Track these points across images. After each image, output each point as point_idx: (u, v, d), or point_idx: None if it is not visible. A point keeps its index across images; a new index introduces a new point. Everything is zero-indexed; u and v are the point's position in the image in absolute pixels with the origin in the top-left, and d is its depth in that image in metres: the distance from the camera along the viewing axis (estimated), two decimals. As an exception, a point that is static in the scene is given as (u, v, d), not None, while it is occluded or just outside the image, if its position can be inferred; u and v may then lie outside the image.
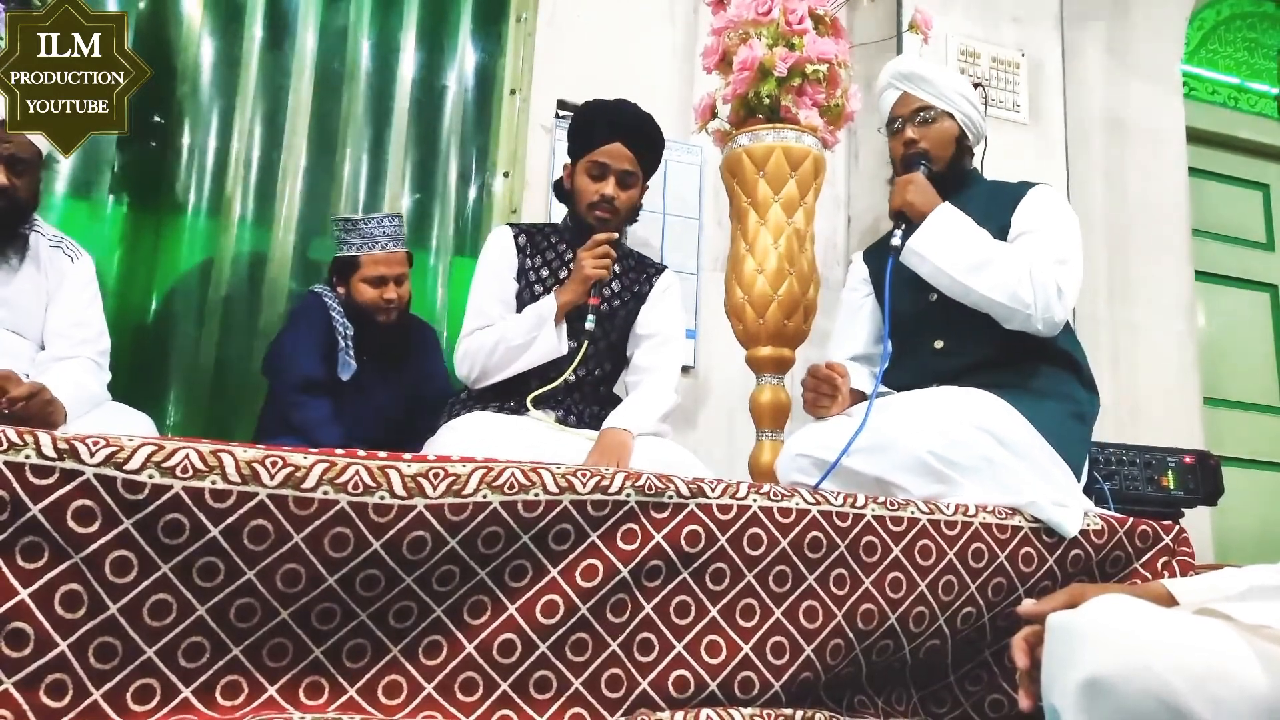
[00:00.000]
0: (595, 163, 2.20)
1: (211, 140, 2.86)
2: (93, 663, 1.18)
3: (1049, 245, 1.94)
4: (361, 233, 2.48)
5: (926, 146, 2.10)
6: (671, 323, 2.31)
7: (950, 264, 1.91)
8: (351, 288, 2.50)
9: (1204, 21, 4.29)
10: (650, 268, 2.37)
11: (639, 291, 2.31)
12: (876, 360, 2.25)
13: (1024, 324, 1.90)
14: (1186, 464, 2.80)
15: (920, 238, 1.94)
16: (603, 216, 2.19)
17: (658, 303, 2.31)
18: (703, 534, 1.48)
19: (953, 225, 1.94)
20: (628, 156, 2.20)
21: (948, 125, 2.12)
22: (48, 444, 1.18)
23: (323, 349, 2.47)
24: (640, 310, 2.29)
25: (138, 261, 2.77)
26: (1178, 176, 3.89)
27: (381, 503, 1.29)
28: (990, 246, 1.92)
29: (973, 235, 1.93)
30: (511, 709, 1.36)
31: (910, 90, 2.13)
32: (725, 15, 2.37)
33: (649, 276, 2.34)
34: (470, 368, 2.18)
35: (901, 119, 2.14)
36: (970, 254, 1.90)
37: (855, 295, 2.31)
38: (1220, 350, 4.01)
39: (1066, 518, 1.72)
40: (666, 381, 2.22)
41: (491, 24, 3.26)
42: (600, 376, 2.27)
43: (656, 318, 2.29)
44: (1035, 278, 1.87)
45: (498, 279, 2.25)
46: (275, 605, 1.27)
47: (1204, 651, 0.85)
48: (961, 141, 2.14)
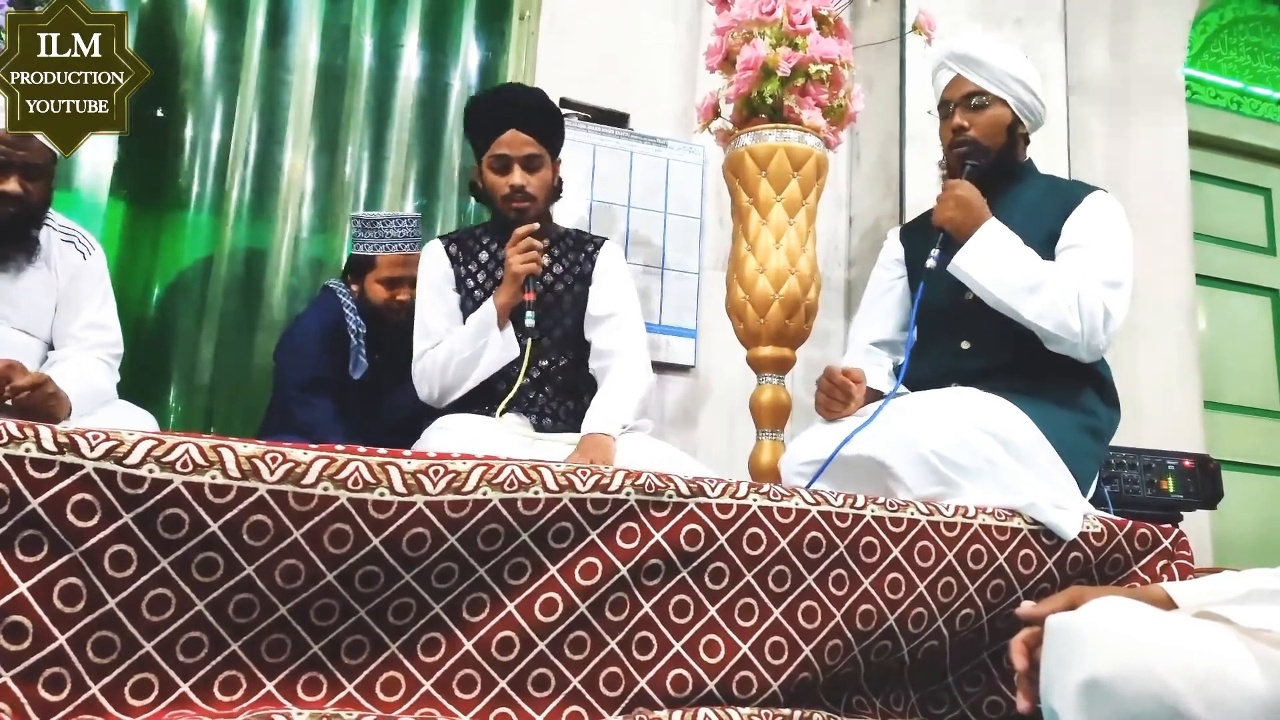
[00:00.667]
0: (495, 156, 2.11)
1: (213, 136, 2.86)
2: (91, 657, 1.18)
3: (1101, 266, 1.86)
4: (379, 233, 2.47)
5: (975, 135, 2.00)
6: (624, 298, 2.20)
7: (996, 285, 1.84)
8: (366, 286, 2.50)
9: (1207, 25, 4.29)
10: (589, 243, 2.27)
11: (582, 271, 2.22)
12: (898, 347, 2.18)
13: (1069, 350, 1.85)
14: (1186, 467, 2.80)
15: (965, 256, 1.87)
16: (519, 207, 2.11)
17: (604, 280, 2.21)
18: (702, 533, 1.48)
19: (1000, 245, 1.86)
20: (526, 140, 2.10)
21: (1000, 112, 2.01)
22: (48, 437, 1.18)
23: (332, 347, 2.47)
24: (589, 291, 2.20)
25: (138, 257, 2.77)
26: (1180, 180, 3.89)
27: (381, 499, 1.29)
28: (1039, 269, 1.84)
29: (1020, 256, 1.85)
30: (510, 707, 1.36)
31: (964, 72, 2.02)
32: (729, 15, 2.37)
33: (590, 253, 2.24)
34: (429, 388, 2.12)
35: (953, 102, 2.04)
36: (1018, 277, 1.83)
37: (886, 275, 2.21)
38: (1221, 354, 4.00)
39: (1066, 520, 1.72)
40: (635, 364, 2.13)
41: (494, 22, 3.26)
42: (566, 366, 2.18)
43: (606, 296, 2.19)
44: (1084, 305, 1.80)
45: (437, 294, 2.18)
46: (274, 601, 1.27)
47: (1203, 654, 0.85)
48: (1014, 130, 2.04)
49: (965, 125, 2.01)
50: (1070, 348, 1.84)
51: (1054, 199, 2.00)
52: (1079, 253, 1.89)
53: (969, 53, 2.03)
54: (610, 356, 2.14)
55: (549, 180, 2.17)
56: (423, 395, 2.15)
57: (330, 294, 2.54)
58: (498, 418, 2.06)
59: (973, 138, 2.00)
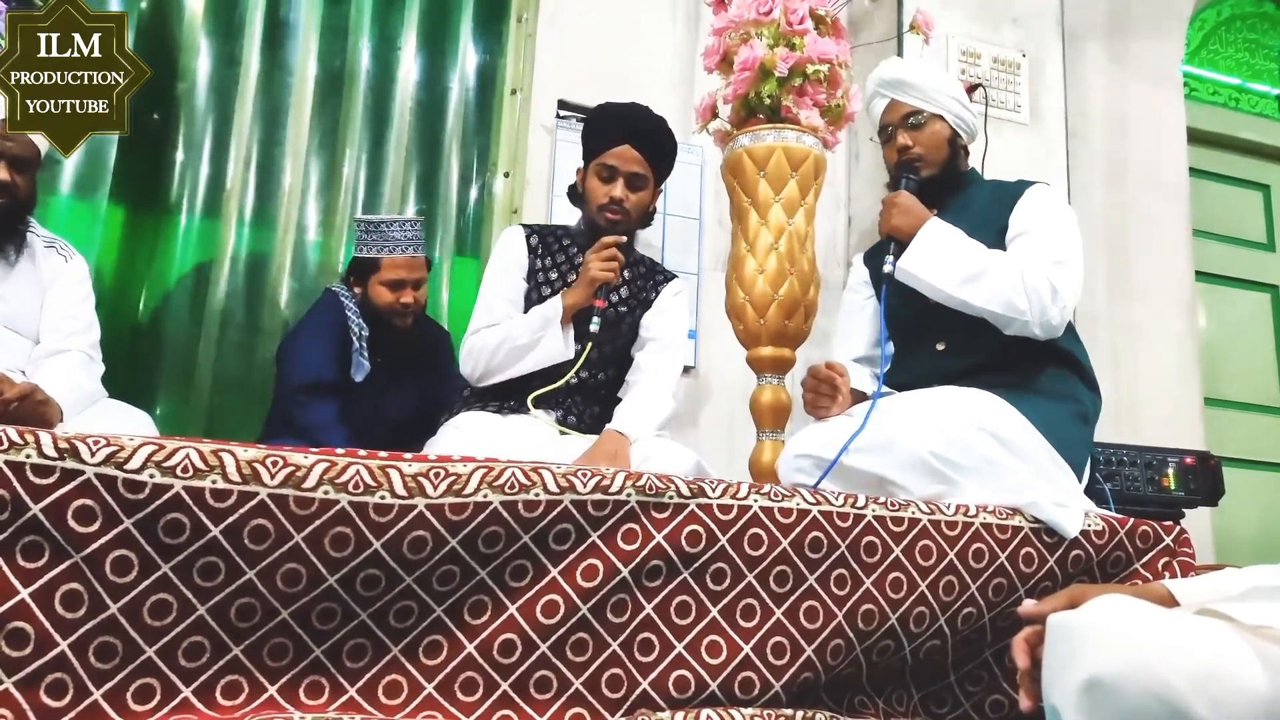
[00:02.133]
0: (604, 165, 2.20)
1: (211, 140, 2.86)
2: (93, 662, 1.18)
3: (1045, 246, 1.92)
4: (383, 235, 2.47)
5: (920, 152, 2.09)
6: (676, 328, 2.30)
7: (942, 280, 1.90)
8: (369, 289, 2.50)
9: (1205, 22, 4.29)
10: (659, 274, 2.37)
11: (646, 298, 2.31)
12: (878, 362, 2.25)
13: (1022, 330, 1.89)
14: (1187, 464, 2.80)
15: (909, 258, 1.94)
16: (612, 218, 2.19)
17: (664, 308, 2.30)
18: (703, 534, 1.48)
19: (940, 240, 1.94)
20: (637, 159, 2.19)
21: (939, 128, 2.11)
22: (48, 443, 1.18)
23: (335, 349, 2.47)
24: (644, 317, 2.29)
25: (137, 262, 2.77)
26: (1178, 177, 3.89)
27: (382, 502, 1.29)
28: (981, 257, 1.91)
29: (962, 248, 1.92)
30: (512, 709, 1.36)
31: (897, 96, 2.13)
32: (726, 15, 2.37)
33: (657, 283, 2.34)
34: (474, 365, 2.17)
35: (892, 125, 2.14)
36: (961, 267, 1.90)
37: (856, 297, 2.31)
38: (1221, 351, 4.01)
39: (1067, 518, 1.72)
40: (666, 385, 2.21)
41: (492, 24, 3.26)
42: (603, 381, 2.25)
43: (661, 322, 2.28)
44: (1029, 283, 1.86)
45: (508, 277, 2.24)
46: (275, 605, 1.27)
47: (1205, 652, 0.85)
48: (955, 142, 2.14)
49: (909, 144, 2.11)
50: (1022, 327, 1.88)
51: (999, 197, 2.07)
52: (1024, 239, 1.96)
53: (899, 76, 2.13)
54: (645, 373, 2.22)
55: (646, 203, 2.25)
56: (465, 371, 2.20)
57: (333, 296, 2.53)
58: (529, 404, 2.11)
59: (918, 154, 2.10)
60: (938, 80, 2.15)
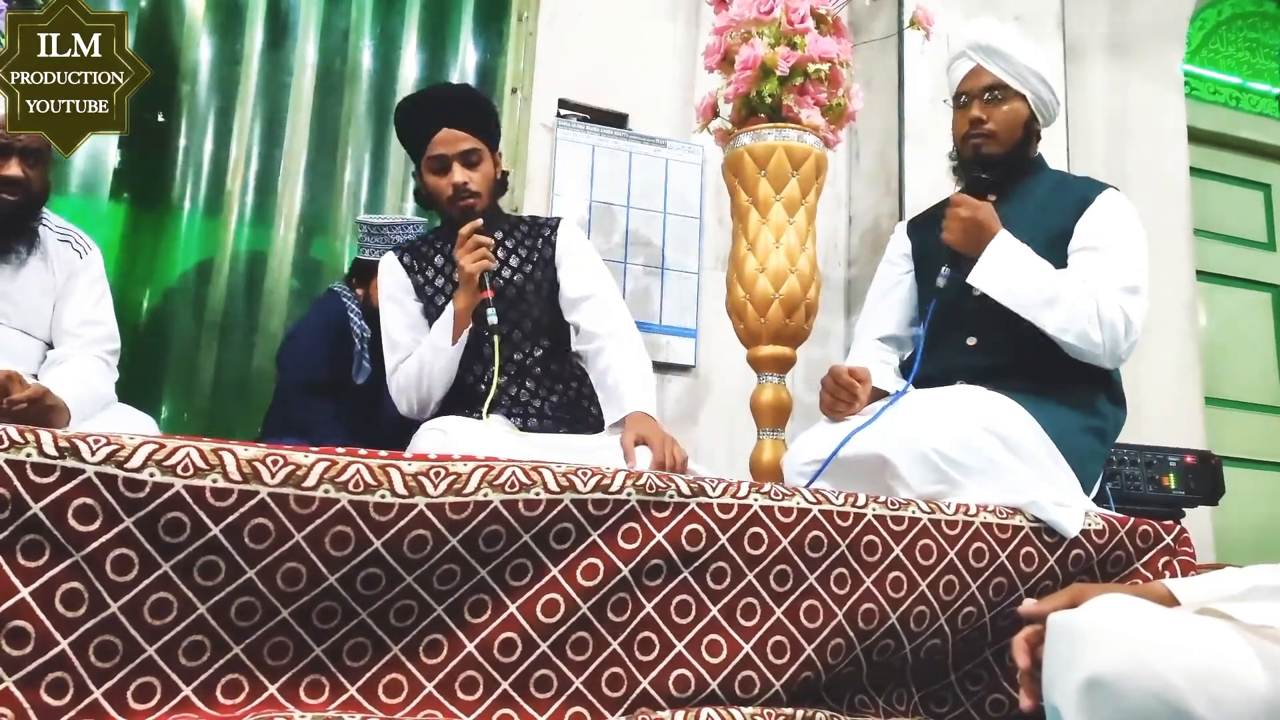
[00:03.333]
0: (432, 157, 2.05)
1: (212, 139, 2.86)
2: (93, 661, 1.18)
3: (1117, 272, 1.84)
4: (385, 238, 2.47)
5: (993, 128, 1.98)
6: (596, 275, 2.12)
7: (1013, 301, 1.83)
8: (371, 291, 2.49)
9: (1205, 21, 4.29)
10: (545, 226, 2.19)
11: (543, 256, 2.14)
12: (904, 342, 2.18)
13: (1091, 360, 1.84)
14: (1188, 464, 2.80)
15: (979, 274, 1.86)
16: (465, 205, 2.03)
17: (568, 260, 2.13)
18: (703, 533, 1.48)
19: (1009, 261, 1.84)
20: (461, 136, 2.03)
21: (1018, 107, 1.99)
22: (49, 442, 1.18)
23: (335, 350, 2.47)
24: (557, 275, 2.13)
25: (138, 260, 2.77)
26: (1179, 176, 3.89)
27: (382, 501, 1.29)
28: (1055, 282, 1.82)
29: (1032, 270, 1.83)
30: (512, 708, 1.36)
31: (985, 64, 2.00)
32: (727, 14, 2.37)
33: (548, 236, 2.16)
34: (408, 403, 2.07)
35: (970, 94, 2.01)
36: (1033, 291, 1.81)
37: (893, 270, 2.19)
38: (1221, 350, 4.00)
39: (1067, 517, 1.72)
40: (636, 343, 2.04)
41: (493, 23, 3.26)
42: (542, 356, 2.11)
43: (578, 275, 2.11)
44: (1104, 315, 1.79)
45: (398, 306, 2.13)
46: (276, 604, 1.27)
47: (1205, 651, 0.84)
48: (1030, 126, 2.02)
49: (983, 118, 1.98)
50: (1093, 358, 1.84)
51: (1064, 196, 1.99)
52: (1095, 256, 1.88)
53: (992, 44, 2.00)
54: (606, 338, 2.04)
55: (491, 174, 2.10)
56: (402, 409, 2.10)
57: (334, 297, 2.53)
58: (484, 419, 1.99)
59: (990, 130, 1.98)
60: (1031, 57, 2.01)
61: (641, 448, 1.80)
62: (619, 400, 1.94)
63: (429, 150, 2.04)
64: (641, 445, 1.80)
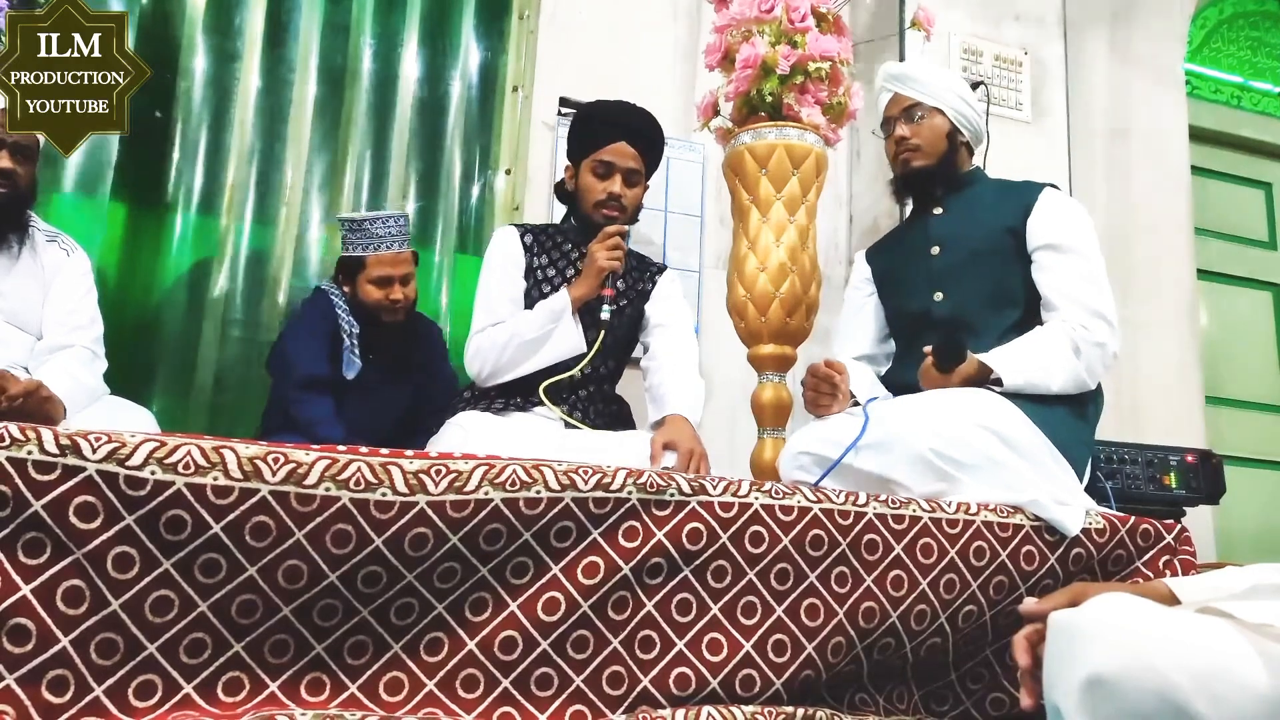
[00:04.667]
0: (601, 162, 2.22)
1: (214, 138, 2.86)
2: (95, 659, 1.18)
3: (1081, 289, 1.95)
4: (367, 233, 2.47)
5: (917, 143, 2.12)
6: (683, 313, 2.34)
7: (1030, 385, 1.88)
8: (357, 287, 2.50)
9: (1207, 20, 4.29)
10: (652, 267, 2.40)
11: (643, 290, 2.33)
12: (880, 360, 2.29)
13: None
14: (1188, 463, 2.79)
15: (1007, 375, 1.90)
16: (610, 214, 2.21)
17: (665, 297, 2.33)
18: (704, 532, 1.48)
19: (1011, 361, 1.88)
20: (633, 155, 2.23)
21: (939, 121, 2.14)
22: (50, 440, 1.18)
23: (328, 347, 2.47)
24: (645, 306, 2.32)
25: (139, 259, 2.77)
26: (1180, 175, 3.88)
27: (383, 499, 1.29)
28: (1040, 355, 1.89)
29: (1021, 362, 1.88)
30: (513, 706, 1.36)
31: (900, 90, 2.17)
32: (728, 13, 2.37)
33: (652, 275, 2.37)
34: (482, 365, 2.15)
35: (893, 118, 2.18)
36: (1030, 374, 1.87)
37: (858, 294, 2.32)
38: (1222, 349, 4.00)
39: (1068, 516, 1.72)
40: (694, 366, 2.23)
41: (494, 21, 3.25)
42: (605, 374, 2.27)
43: (667, 307, 2.31)
44: (1084, 354, 1.89)
45: (507, 276, 2.24)
46: (277, 602, 1.27)
47: (1206, 650, 0.84)
48: (954, 138, 2.15)
49: (907, 135, 2.15)
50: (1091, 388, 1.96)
51: (1007, 198, 2.09)
52: (1058, 256, 1.99)
53: (903, 70, 2.19)
54: (670, 357, 2.22)
55: (639, 200, 2.29)
56: (472, 372, 2.18)
57: (322, 295, 2.53)
58: (541, 395, 2.11)
59: (915, 144, 2.13)
60: (940, 76, 2.17)
61: (669, 452, 1.93)
62: (662, 401, 2.11)
63: (600, 154, 2.22)
64: (670, 450, 1.92)
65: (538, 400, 2.14)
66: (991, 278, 2.05)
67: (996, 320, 2.01)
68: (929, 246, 2.13)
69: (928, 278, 2.11)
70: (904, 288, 2.17)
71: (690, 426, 2.02)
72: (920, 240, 2.17)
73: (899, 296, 2.20)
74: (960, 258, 2.08)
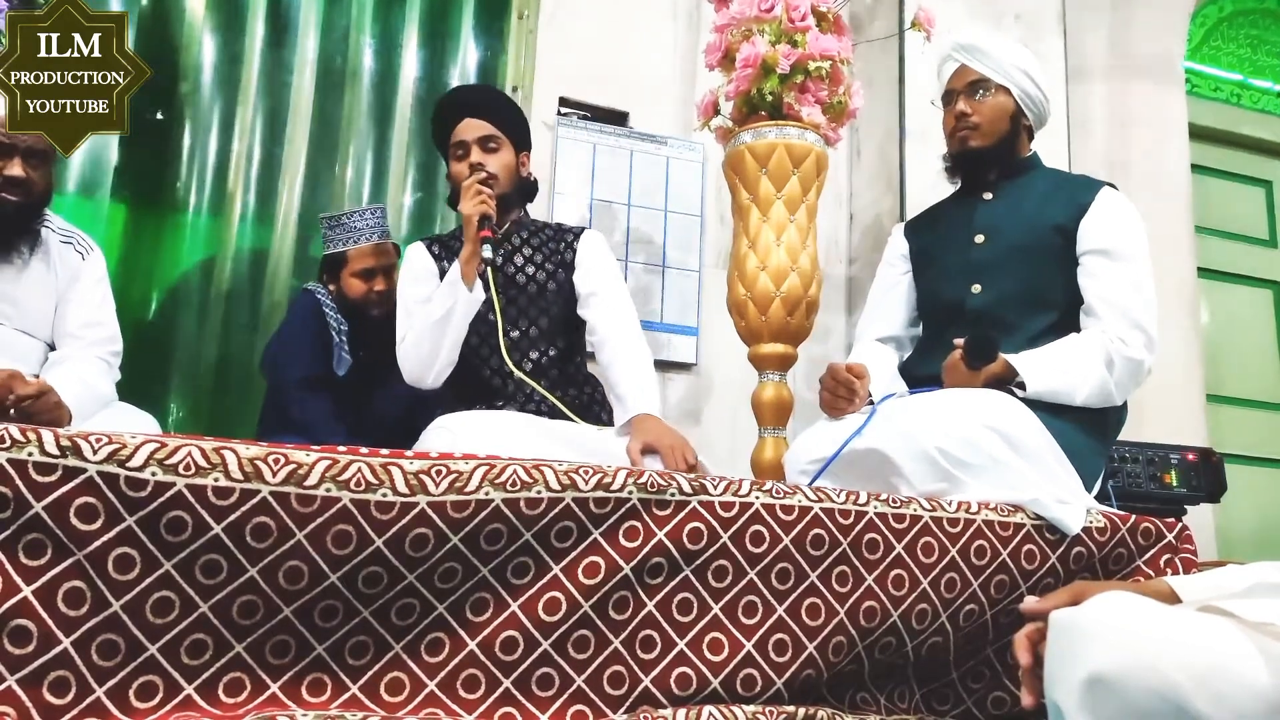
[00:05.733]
0: (454, 144, 2.15)
1: (213, 138, 2.86)
2: (95, 660, 1.18)
3: (1129, 294, 1.89)
4: (346, 227, 2.48)
5: (978, 121, 2.03)
6: (609, 277, 2.19)
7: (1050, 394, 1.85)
8: (342, 283, 2.51)
9: (1206, 18, 4.28)
10: (569, 233, 2.25)
11: (564, 259, 2.20)
12: (905, 343, 2.21)
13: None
14: (1189, 461, 2.80)
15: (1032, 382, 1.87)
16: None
17: (590, 264, 2.19)
18: (705, 531, 1.48)
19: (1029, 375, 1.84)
20: (480, 125, 2.13)
21: (1004, 100, 2.04)
22: (50, 441, 1.18)
23: (319, 345, 2.47)
24: (573, 278, 2.19)
25: (139, 259, 2.77)
26: (1180, 173, 3.88)
27: (384, 500, 1.29)
28: (1069, 365, 1.84)
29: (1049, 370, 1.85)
30: (514, 706, 1.36)
31: (968, 62, 2.06)
32: (728, 12, 2.37)
33: (570, 242, 2.22)
34: (411, 365, 2.07)
35: (957, 91, 2.07)
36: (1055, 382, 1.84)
37: (892, 271, 2.22)
38: (1223, 347, 4.00)
39: (1069, 515, 1.72)
40: (638, 337, 2.11)
41: (493, 21, 3.25)
42: (556, 357, 2.16)
43: (595, 276, 2.17)
44: (1117, 368, 1.84)
45: (419, 284, 2.16)
46: (278, 602, 1.27)
47: (1207, 649, 0.84)
48: (1017, 120, 2.06)
49: (968, 111, 2.04)
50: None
51: (1062, 193, 2.02)
52: (1107, 263, 1.92)
53: (974, 42, 2.07)
54: (608, 333, 2.10)
55: (510, 164, 2.16)
56: (410, 378, 2.10)
57: (308, 295, 2.54)
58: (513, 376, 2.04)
59: (975, 122, 2.03)
60: (1014, 53, 2.07)
61: (650, 456, 1.84)
62: (621, 402, 1.99)
63: (451, 138, 2.15)
64: (650, 454, 1.82)
65: (500, 405, 2.07)
66: (1033, 276, 1.97)
67: (1031, 321, 1.95)
68: (973, 234, 2.05)
69: (967, 267, 2.02)
70: (941, 274, 2.07)
71: (659, 421, 1.92)
72: (964, 226, 2.07)
73: (934, 282, 2.10)
74: (1003, 250, 2.00)
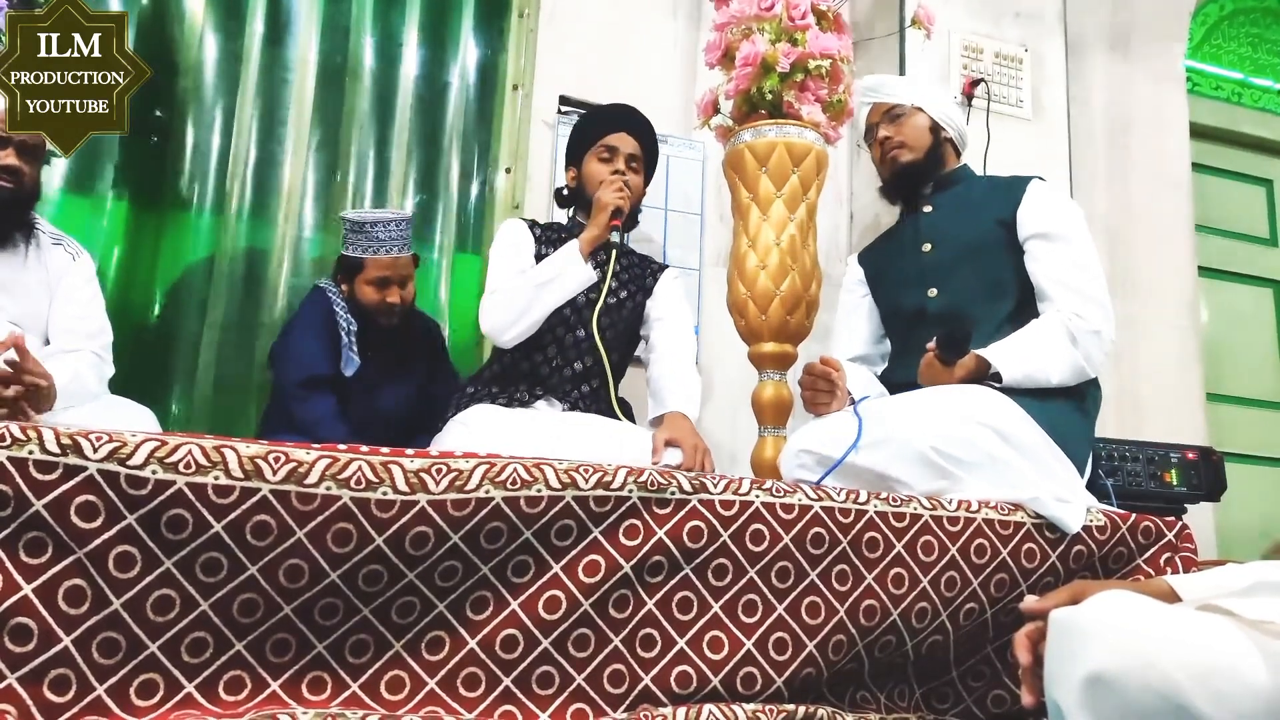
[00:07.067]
0: (605, 146, 2.30)
1: (214, 136, 2.86)
2: (96, 658, 1.18)
3: (1076, 276, 1.96)
4: (368, 235, 2.45)
5: (902, 139, 2.17)
6: (683, 310, 2.39)
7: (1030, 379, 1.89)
8: (356, 288, 2.49)
9: (1207, 17, 4.28)
10: (653, 264, 2.45)
11: (645, 284, 2.38)
12: (875, 360, 2.32)
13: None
14: (1189, 460, 2.79)
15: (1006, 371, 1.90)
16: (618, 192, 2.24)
17: (666, 293, 2.38)
18: (705, 530, 1.48)
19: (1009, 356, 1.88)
20: (634, 144, 2.33)
21: (920, 118, 2.21)
22: (51, 439, 1.18)
23: (327, 345, 2.47)
24: (647, 302, 2.37)
25: (139, 258, 2.77)
26: (1181, 172, 3.88)
27: (384, 498, 1.29)
28: (1037, 349, 1.89)
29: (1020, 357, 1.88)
30: (514, 705, 1.36)
31: (877, 99, 2.24)
32: (728, 10, 2.37)
33: (654, 272, 2.42)
34: (499, 318, 2.16)
35: (875, 124, 2.24)
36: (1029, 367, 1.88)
37: (852, 296, 2.36)
38: (1223, 346, 4.00)
39: (1069, 514, 1.72)
40: (692, 361, 2.29)
41: (493, 19, 3.25)
42: (611, 364, 2.26)
43: (667, 304, 2.36)
44: (1081, 343, 1.90)
45: (518, 254, 2.28)
46: (278, 601, 1.27)
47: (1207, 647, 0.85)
48: (939, 133, 2.20)
49: (891, 135, 2.20)
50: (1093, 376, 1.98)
51: (998, 191, 2.13)
52: (1050, 245, 2.00)
53: (876, 82, 2.28)
54: (666, 349, 2.29)
55: (639, 188, 2.36)
56: (487, 327, 2.20)
57: (320, 293, 2.53)
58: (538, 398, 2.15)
59: (900, 140, 2.18)
60: (915, 81, 2.27)
61: (672, 449, 1.98)
62: (661, 396, 2.18)
63: (603, 140, 2.31)
64: (673, 447, 1.97)
65: (540, 394, 2.14)
66: (984, 271, 2.07)
67: (991, 312, 2.02)
68: (920, 243, 2.16)
69: (920, 274, 2.14)
70: (897, 286, 2.20)
71: (690, 423, 2.06)
72: (911, 238, 2.19)
73: (893, 295, 2.23)
74: (952, 253, 2.11)
